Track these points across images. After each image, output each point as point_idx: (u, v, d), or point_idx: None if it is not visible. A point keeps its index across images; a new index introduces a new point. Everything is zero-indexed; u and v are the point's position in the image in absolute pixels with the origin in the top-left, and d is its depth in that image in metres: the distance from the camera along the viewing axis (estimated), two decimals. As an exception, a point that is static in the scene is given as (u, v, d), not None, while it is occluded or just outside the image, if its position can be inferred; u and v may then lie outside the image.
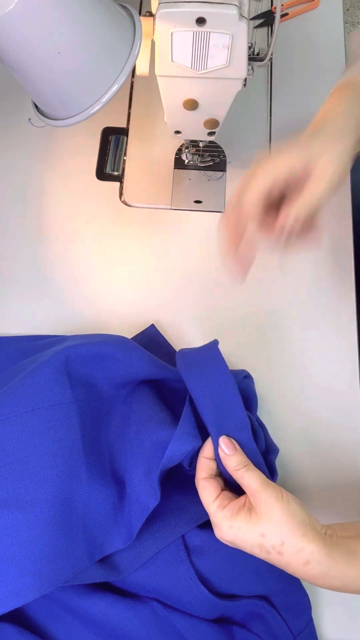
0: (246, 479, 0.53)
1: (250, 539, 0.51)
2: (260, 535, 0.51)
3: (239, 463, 0.54)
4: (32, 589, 0.52)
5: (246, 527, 0.51)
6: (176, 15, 0.56)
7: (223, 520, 0.52)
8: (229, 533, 0.52)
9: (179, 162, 0.83)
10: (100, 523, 0.57)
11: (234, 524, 0.52)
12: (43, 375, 0.61)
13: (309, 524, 0.51)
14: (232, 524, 0.52)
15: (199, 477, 0.56)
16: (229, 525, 0.52)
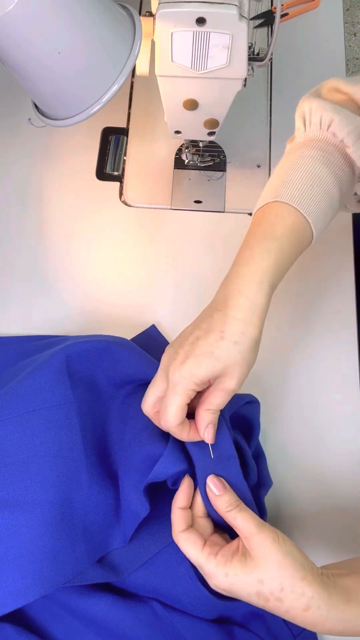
0: (239, 521, 0.51)
1: (248, 587, 0.49)
2: (258, 582, 0.48)
3: (230, 504, 0.52)
4: (32, 590, 0.52)
5: (243, 574, 0.49)
6: (176, 15, 0.56)
7: (217, 569, 0.50)
8: (225, 581, 0.49)
9: (179, 162, 0.83)
10: (100, 524, 0.57)
11: (230, 572, 0.49)
12: (43, 375, 0.61)
13: (308, 567, 0.49)
14: (227, 572, 0.49)
15: (176, 530, 0.53)
16: (224, 573, 0.49)
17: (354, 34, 1.95)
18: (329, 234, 0.78)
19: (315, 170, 0.58)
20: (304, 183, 0.57)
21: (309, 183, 0.57)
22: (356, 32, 1.95)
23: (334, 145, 0.59)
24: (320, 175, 0.58)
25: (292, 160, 0.60)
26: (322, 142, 0.59)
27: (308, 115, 0.60)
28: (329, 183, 0.58)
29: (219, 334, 0.52)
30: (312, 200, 0.57)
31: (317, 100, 0.59)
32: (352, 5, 1.96)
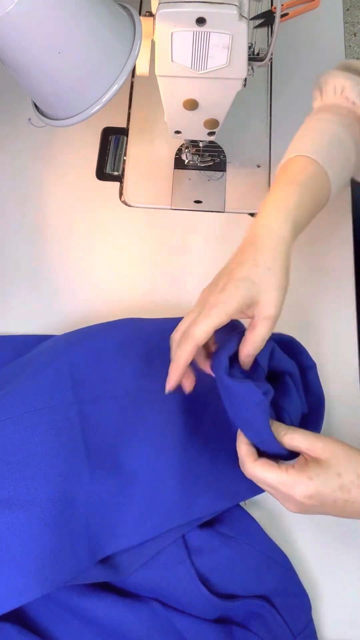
0: (297, 439, 0.54)
1: (331, 482, 0.52)
2: (338, 475, 0.52)
3: (283, 427, 0.55)
4: (32, 589, 0.52)
5: (324, 473, 0.52)
6: (176, 15, 0.56)
7: (300, 475, 0.52)
8: (310, 485, 0.52)
9: (179, 162, 0.83)
10: (102, 523, 0.57)
11: (312, 474, 0.52)
12: (44, 376, 0.61)
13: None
14: (310, 475, 0.52)
15: (248, 462, 0.55)
16: (308, 477, 0.52)
17: (354, 34, 1.95)
18: (328, 234, 0.78)
19: (333, 130, 0.64)
20: (323, 140, 0.64)
21: (328, 139, 0.64)
22: (356, 32, 1.95)
23: (348, 109, 0.66)
24: (338, 134, 0.64)
25: (311, 123, 0.66)
26: (337, 107, 0.66)
27: (323, 85, 0.68)
28: (347, 141, 0.64)
29: (252, 262, 0.57)
30: (331, 155, 0.63)
31: (331, 70, 0.67)
32: (352, 5, 1.96)
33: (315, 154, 0.62)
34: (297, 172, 0.62)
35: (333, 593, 0.62)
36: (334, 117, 0.65)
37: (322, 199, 0.63)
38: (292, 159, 0.63)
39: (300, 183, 0.61)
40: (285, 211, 0.59)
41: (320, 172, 0.62)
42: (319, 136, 0.64)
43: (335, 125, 0.65)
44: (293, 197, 0.60)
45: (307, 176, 0.62)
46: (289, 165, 0.63)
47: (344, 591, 0.62)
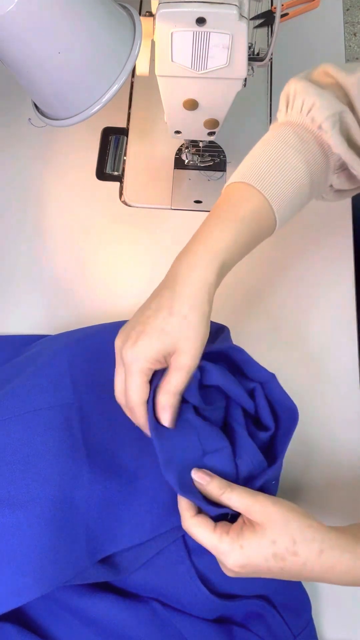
0: (234, 499, 0.51)
1: (264, 551, 0.49)
2: (271, 543, 0.49)
3: (220, 487, 0.52)
4: (32, 588, 0.52)
5: (256, 540, 0.49)
6: (176, 15, 0.56)
7: (232, 545, 0.50)
8: (242, 555, 0.50)
9: (179, 162, 0.83)
10: (102, 523, 0.57)
11: (244, 543, 0.50)
12: (45, 376, 0.61)
13: (311, 517, 0.51)
14: (242, 543, 0.50)
15: (186, 517, 0.52)
16: (239, 546, 0.50)
17: (354, 34, 1.95)
18: (328, 234, 0.78)
19: (287, 157, 0.58)
20: (273, 168, 0.57)
21: (278, 168, 0.57)
22: (356, 32, 1.95)
23: (311, 132, 0.59)
24: (292, 163, 0.58)
25: (267, 142, 0.60)
26: (299, 128, 0.59)
27: (292, 97, 0.60)
28: (300, 171, 0.58)
29: (168, 310, 0.53)
30: (279, 186, 0.57)
31: (304, 82, 0.59)
32: (352, 5, 1.96)
33: (262, 185, 0.57)
34: (238, 205, 0.57)
35: (333, 593, 0.62)
36: (292, 139, 0.58)
37: (262, 234, 0.59)
38: (239, 185, 0.58)
39: (240, 219, 0.56)
40: (214, 253, 0.55)
41: (265, 207, 0.57)
42: (271, 163, 0.58)
43: (292, 152, 0.58)
44: (227, 236, 0.56)
45: (248, 211, 0.57)
46: (231, 194, 0.58)
47: (344, 591, 0.62)
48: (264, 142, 0.60)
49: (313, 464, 0.68)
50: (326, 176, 0.61)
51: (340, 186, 0.63)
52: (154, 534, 0.58)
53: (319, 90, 0.58)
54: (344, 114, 0.57)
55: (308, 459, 0.68)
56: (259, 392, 0.59)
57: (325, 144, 0.59)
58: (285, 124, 0.60)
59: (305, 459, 0.68)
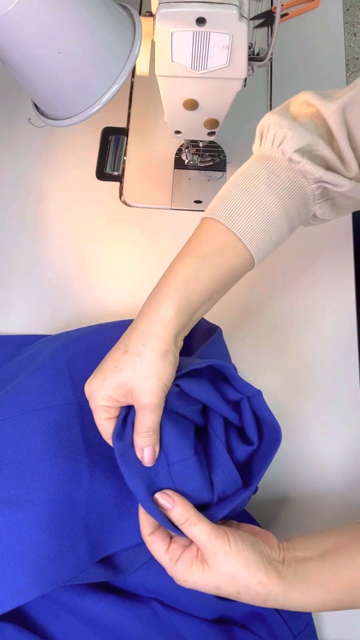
0: (192, 535, 0.52)
1: (208, 589, 0.52)
2: (215, 588, 0.51)
3: (181, 517, 0.52)
4: (32, 588, 0.52)
5: (201, 580, 0.51)
6: (176, 15, 0.56)
7: (179, 574, 0.52)
8: (189, 582, 0.52)
9: (179, 162, 0.83)
10: (102, 522, 0.57)
11: (189, 578, 0.51)
12: (44, 376, 0.61)
13: (263, 567, 0.51)
14: (186, 578, 0.51)
15: (144, 533, 0.54)
16: (184, 580, 0.52)
17: (354, 34, 1.95)
18: (329, 234, 0.78)
19: (257, 191, 0.57)
20: (242, 203, 0.56)
21: (248, 204, 0.56)
22: (356, 32, 1.95)
23: (283, 165, 0.57)
24: (262, 197, 0.57)
25: (237, 177, 0.59)
26: (270, 161, 0.58)
27: (265, 131, 0.59)
28: (271, 205, 0.57)
29: (124, 348, 0.53)
30: (249, 221, 0.56)
31: (277, 115, 0.58)
32: (352, 5, 1.97)
33: (233, 222, 0.56)
34: (202, 241, 0.57)
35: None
36: (263, 174, 0.57)
37: (234, 269, 0.57)
38: (208, 222, 0.58)
39: (202, 255, 0.56)
40: (172, 288, 0.55)
41: (233, 243, 0.56)
42: (241, 199, 0.56)
43: (262, 187, 0.57)
44: (187, 271, 0.55)
45: (212, 248, 0.56)
46: (202, 229, 0.58)
47: (344, 591, 0.62)
48: (235, 177, 0.59)
49: (299, 478, 0.68)
50: (306, 207, 0.59)
51: (324, 216, 0.61)
52: (154, 534, 0.58)
53: (292, 123, 0.57)
54: (317, 146, 0.57)
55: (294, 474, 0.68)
56: (245, 404, 0.58)
57: (300, 173, 0.57)
58: (257, 158, 0.59)
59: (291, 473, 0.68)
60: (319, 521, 0.65)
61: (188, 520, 0.52)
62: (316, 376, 0.72)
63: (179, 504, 0.52)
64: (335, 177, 0.57)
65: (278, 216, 0.57)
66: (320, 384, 0.71)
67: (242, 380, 0.58)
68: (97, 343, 0.65)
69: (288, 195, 0.57)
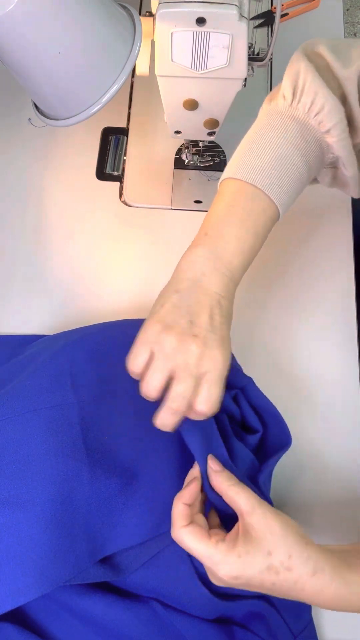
0: (241, 496, 0.51)
1: (259, 562, 0.48)
2: (267, 554, 0.48)
3: (230, 479, 0.52)
4: (32, 588, 0.52)
5: (253, 550, 0.48)
6: (176, 15, 0.56)
7: (228, 553, 0.49)
8: (237, 564, 0.48)
9: (179, 162, 0.83)
10: (102, 522, 0.57)
11: (241, 551, 0.48)
12: (45, 376, 0.61)
13: (307, 536, 0.50)
14: (239, 552, 0.48)
15: (178, 526, 0.51)
16: (236, 555, 0.48)
17: (354, 34, 1.95)
18: (328, 233, 0.78)
19: (289, 154, 0.58)
20: (277, 165, 0.58)
21: (281, 165, 0.58)
22: (356, 32, 1.95)
23: (315, 134, 0.59)
24: (294, 161, 0.58)
25: (268, 133, 0.59)
26: (304, 128, 0.59)
27: (299, 90, 0.59)
28: (300, 167, 0.59)
29: None
30: (284, 186, 0.58)
31: (312, 71, 0.58)
32: (352, 5, 1.97)
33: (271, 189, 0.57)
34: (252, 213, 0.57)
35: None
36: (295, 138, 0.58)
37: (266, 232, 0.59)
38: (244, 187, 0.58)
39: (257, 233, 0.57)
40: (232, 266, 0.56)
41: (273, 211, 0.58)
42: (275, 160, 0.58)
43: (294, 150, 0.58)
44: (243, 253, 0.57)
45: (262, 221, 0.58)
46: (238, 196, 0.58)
47: (344, 591, 0.62)
48: (264, 132, 0.60)
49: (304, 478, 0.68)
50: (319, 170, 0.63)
51: (322, 182, 0.65)
52: (154, 534, 0.58)
53: (327, 91, 0.57)
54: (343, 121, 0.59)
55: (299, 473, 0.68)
56: (240, 397, 0.59)
57: (325, 143, 0.59)
58: (288, 118, 0.59)
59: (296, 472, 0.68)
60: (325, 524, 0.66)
61: (236, 485, 0.51)
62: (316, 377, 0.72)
63: (227, 470, 0.53)
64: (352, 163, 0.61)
65: (304, 180, 0.60)
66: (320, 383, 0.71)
67: (234, 369, 0.59)
68: (98, 343, 0.65)
69: (314, 160, 0.60)
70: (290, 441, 0.60)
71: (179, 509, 0.52)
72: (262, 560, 0.48)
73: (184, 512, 0.52)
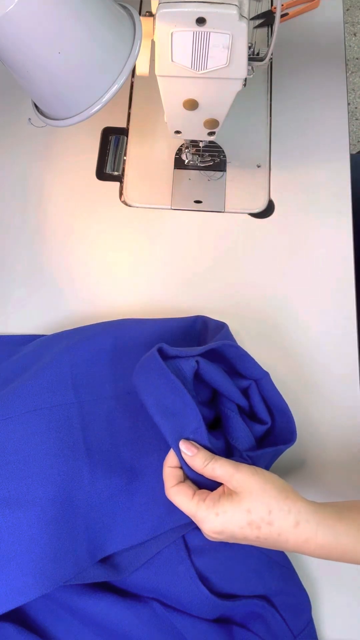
0: (217, 470, 0.53)
1: (239, 519, 0.51)
2: (246, 512, 0.51)
3: (205, 459, 0.54)
4: (32, 588, 0.52)
5: (232, 509, 0.51)
6: (176, 15, 0.56)
7: (208, 511, 0.52)
8: (217, 521, 0.52)
9: (179, 162, 0.83)
10: (102, 522, 0.57)
11: (219, 510, 0.52)
12: (45, 376, 0.61)
13: (290, 489, 0.52)
14: (217, 511, 0.52)
15: (168, 486, 0.55)
16: (215, 513, 0.52)
17: (354, 34, 1.95)
18: (329, 232, 0.78)
19: None
20: None
21: None
22: (356, 32, 1.95)
23: None
24: None
25: None
26: None
27: None
28: None
29: None
30: None
31: None
32: (352, 5, 1.96)
33: None
34: None
35: (333, 593, 0.62)
36: None
37: None
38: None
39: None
40: None
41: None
42: None
43: None
44: None
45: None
46: None
47: (344, 591, 0.62)
48: None
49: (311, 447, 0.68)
50: None
51: None
52: (154, 534, 0.58)
53: None
54: None
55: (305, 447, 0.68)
56: (253, 390, 0.60)
57: None
58: None
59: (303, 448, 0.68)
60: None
61: (211, 460, 0.54)
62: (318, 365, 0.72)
63: (201, 450, 0.55)
64: None
65: None
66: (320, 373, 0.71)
67: (252, 361, 0.60)
68: (99, 343, 0.65)
69: None
70: (295, 439, 0.60)
71: (166, 472, 0.56)
72: (241, 517, 0.51)
73: (171, 474, 0.55)
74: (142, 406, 0.62)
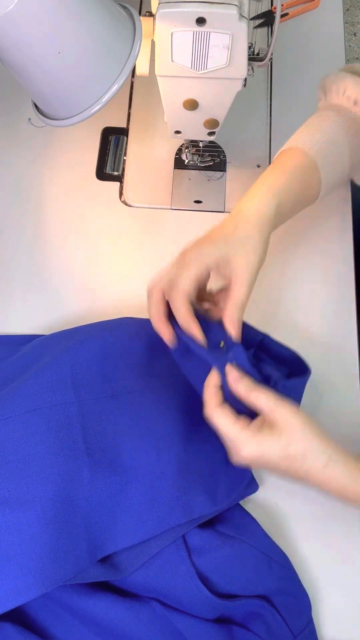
0: (261, 399, 0.55)
1: (277, 451, 0.54)
2: (286, 444, 0.54)
3: (249, 385, 0.56)
4: (32, 588, 0.52)
5: (272, 440, 0.54)
6: (176, 15, 0.57)
7: (249, 438, 0.54)
8: (257, 449, 0.54)
9: (179, 162, 0.83)
10: (102, 522, 0.57)
11: (261, 438, 0.54)
12: (45, 376, 0.61)
13: (326, 434, 0.55)
14: (258, 439, 0.54)
15: (211, 405, 0.57)
16: (256, 442, 0.54)
17: (354, 34, 1.95)
18: (328, 231, 0.78)
19: (330, 128, 0.67)
20: (318, 136, 0.66)
21: (323, 137, 0.66)
22: (356, 32, 1.95)
23: (349, 110, 0.68)
24: (334, 133, 0.67)
25: (312, 120, 0.69)
26: (339, 107, 0.68)
27: (328, 86, 0.71)
28: (342, 142, 0.67)
29: (233, 227, 0.61)
30: (324, 151, 0.66)
31: (336, 72, 0.70)
32: (352, 5, 1.97)
33: (309, 148, 0.66)
34: (287, 162, 0.66)
35: (333, 593, 0.62)
36: (335, 116, 0.68)
37: (310, 191, 0.67)
38: (286, 150, 0.67)
39: (290, 171, 0.65)
40: (271, 192, 0.63)
41: (311, 165, 0.65)
42: (316, 132, 0.67)
43: (334, 124, 0.67)
44: (280, 181, 0.64)
45: (296, 165, 0.65)
46: (282, 156, 0.67)
47: (344, 591, 0.62)
48: (308, 121, 0.69)
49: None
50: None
51: None
52: (154, 534, 0.58)
53: (352, 75, 0.68)
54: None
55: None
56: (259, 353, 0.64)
57: None
58: (326, 107, 0.70)
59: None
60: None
61: (255, 389, 0.56)
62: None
63: (247, 376, 0.57)
64: None
65: (346, 154, 0.68)
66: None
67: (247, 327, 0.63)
68: (99, 342, 0.65)
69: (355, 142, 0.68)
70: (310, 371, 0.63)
71: (210, 390, 0.57)
72: (280, 449, 0.54)
73: (214, 393, 0.57)
74: (142, 405, 0.62)
